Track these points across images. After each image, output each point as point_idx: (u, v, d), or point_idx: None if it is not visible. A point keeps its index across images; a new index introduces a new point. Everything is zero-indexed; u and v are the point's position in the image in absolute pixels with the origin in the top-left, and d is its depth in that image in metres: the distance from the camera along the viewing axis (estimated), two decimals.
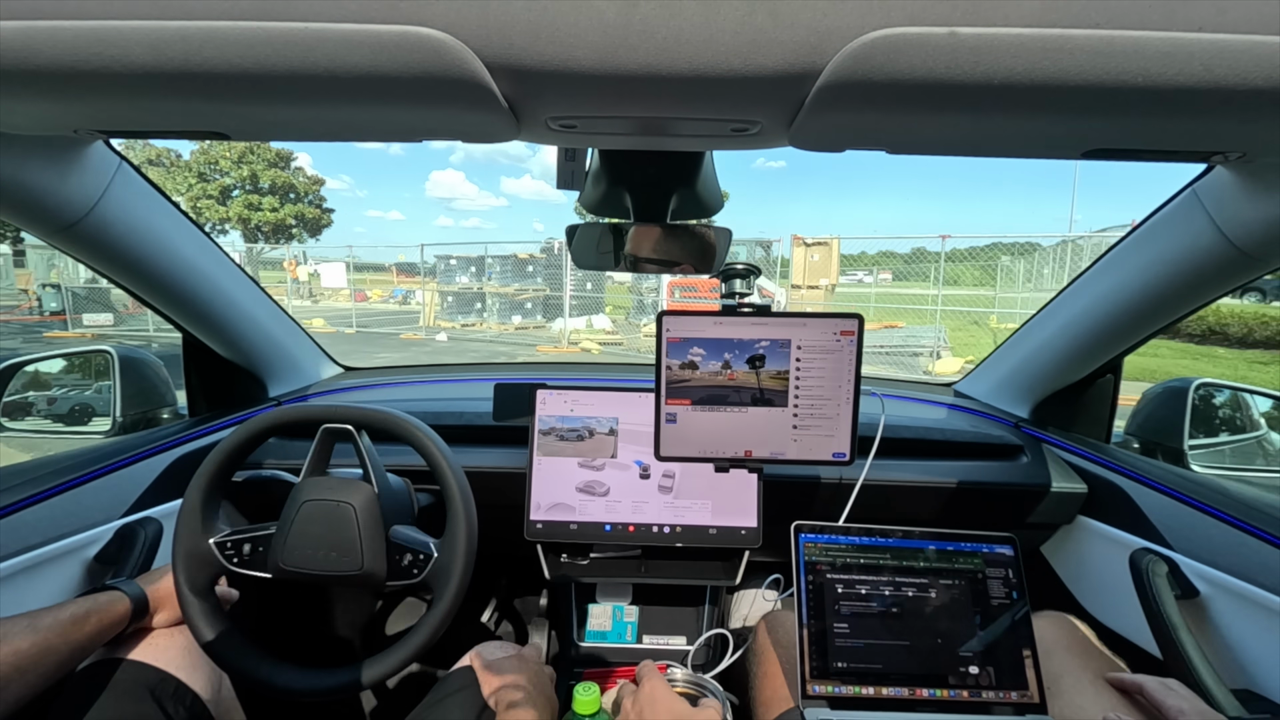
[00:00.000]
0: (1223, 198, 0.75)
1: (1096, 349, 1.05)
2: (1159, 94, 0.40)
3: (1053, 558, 1.13)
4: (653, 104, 0.46)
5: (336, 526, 0.78)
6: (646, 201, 0.76)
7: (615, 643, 1.07)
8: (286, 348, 1.28)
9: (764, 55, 0.39)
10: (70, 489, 0.85)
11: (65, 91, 0.46)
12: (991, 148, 0.55)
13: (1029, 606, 0.79)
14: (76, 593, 0.83)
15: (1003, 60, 0.38)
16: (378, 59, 0.39)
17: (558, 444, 1.05)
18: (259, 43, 0.38)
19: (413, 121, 0.51)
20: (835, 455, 0.79)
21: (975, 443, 1.14)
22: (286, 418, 0.83)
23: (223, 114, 0.51)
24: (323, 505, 0.79)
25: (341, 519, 0.78)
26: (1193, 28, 0.36)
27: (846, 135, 0.51)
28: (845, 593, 0.79)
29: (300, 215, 28.46)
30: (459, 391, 1.39)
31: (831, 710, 0.73)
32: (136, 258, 0.90)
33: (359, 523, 0.78)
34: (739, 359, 0.76)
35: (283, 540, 0.78)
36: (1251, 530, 0.80)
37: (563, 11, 0.37)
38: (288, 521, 0.79)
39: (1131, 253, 0.93)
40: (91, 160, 0.77)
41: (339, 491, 0.79)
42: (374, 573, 0.78)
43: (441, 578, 0.78)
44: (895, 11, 0.36)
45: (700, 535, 1.02)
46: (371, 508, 0.79)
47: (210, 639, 0.77)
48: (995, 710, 0.74)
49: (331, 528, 0.78)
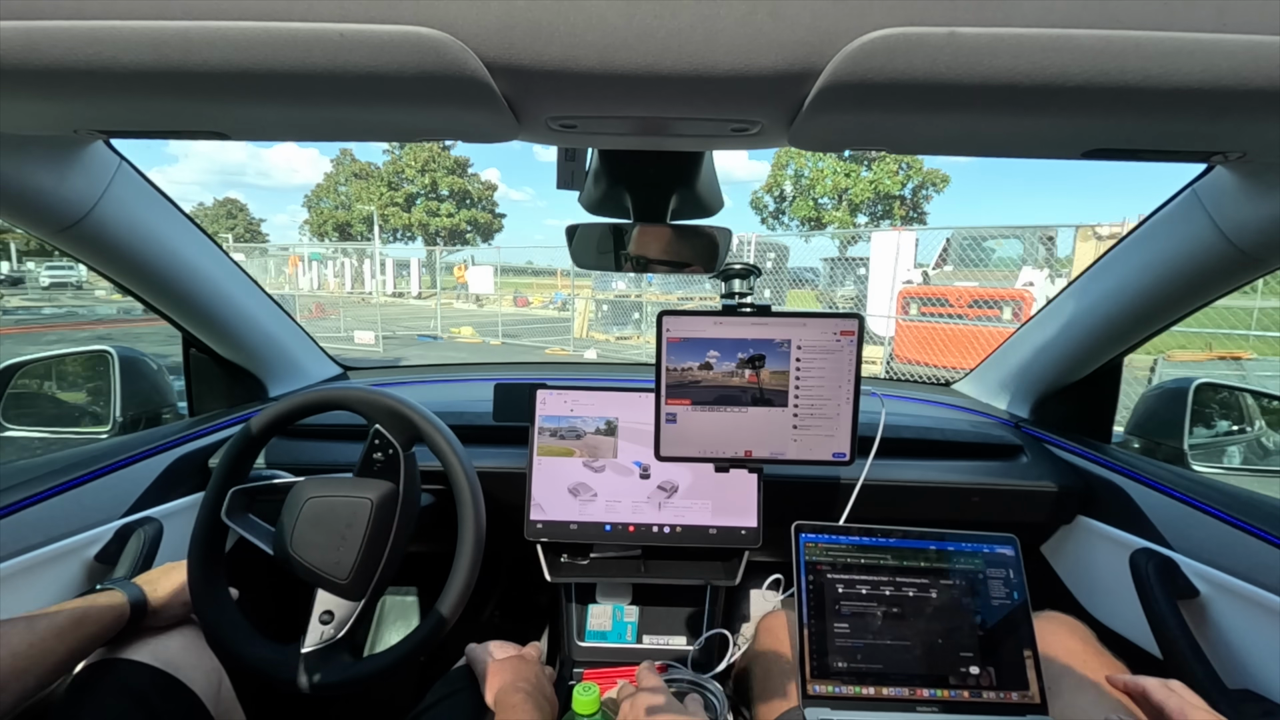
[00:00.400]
0: (1223, 198, 0.75)
1: (1096, 349, 1.05)
2: (1159, 94, 0.40)
3: (1053, 558, 1.13)
4: (653, 104, 0.46)
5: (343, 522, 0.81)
6: (647, 201, 0.76)
7: (615, 643, 1.07)
8: (286, 348, 1.28)
9: (764, 55, 0.39)
10: (70, 489, 0.85)
11: (65, 91, 0.46)
12: (991, 147, 0.55)
13: (1030, 607, 0.79)
14: (76, 593, 0.83)
15: (1003, 60, 0.38)
16: (377, 59, 0.39)
17: (558, 444, 1.05)
18: (259, 43, 0.38)
19: (412, 121, 0.51)
20: (835, 455, 0.79)
21: (975, 443, 1.14)
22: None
23: (223, 114, 0.51)
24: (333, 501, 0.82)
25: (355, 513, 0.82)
26: (1193, 28, 0.36)
27: (846, 135, 0.51)
28: (846, 593, 0.79)
29: (474, 220, 29.49)
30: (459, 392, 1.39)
31: (832, 710, 0.73)
32: (136, 258, 0.90)
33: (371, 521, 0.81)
34: (739, 359, 0.76)
35: (290, 530, 0.81)
36: (1251, 530, 0.80)
37: (563, 11, 0.37)
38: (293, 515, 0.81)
39: (1131, 253, 0.93)
40: (91, 160, 0.77)
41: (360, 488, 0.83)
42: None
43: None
44: (896, 11, 0.36)
45: (700, 535, 1.02)
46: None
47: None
48: (996, 710, 0.74)
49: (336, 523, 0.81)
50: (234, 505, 0.84)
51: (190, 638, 0.81)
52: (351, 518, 0.81)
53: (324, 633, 0.81)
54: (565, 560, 1.09)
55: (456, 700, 0.77)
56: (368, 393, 0.87)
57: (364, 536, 0.80)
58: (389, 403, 0.86)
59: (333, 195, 33.22)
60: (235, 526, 0.84)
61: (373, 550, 0.81)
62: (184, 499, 1.00)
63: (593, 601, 1.10)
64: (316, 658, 0.80)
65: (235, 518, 0.84)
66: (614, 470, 1.04)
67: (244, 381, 1.23)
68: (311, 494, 0.82)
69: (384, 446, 0.86)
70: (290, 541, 0.81)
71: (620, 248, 0.79)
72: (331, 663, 0.80)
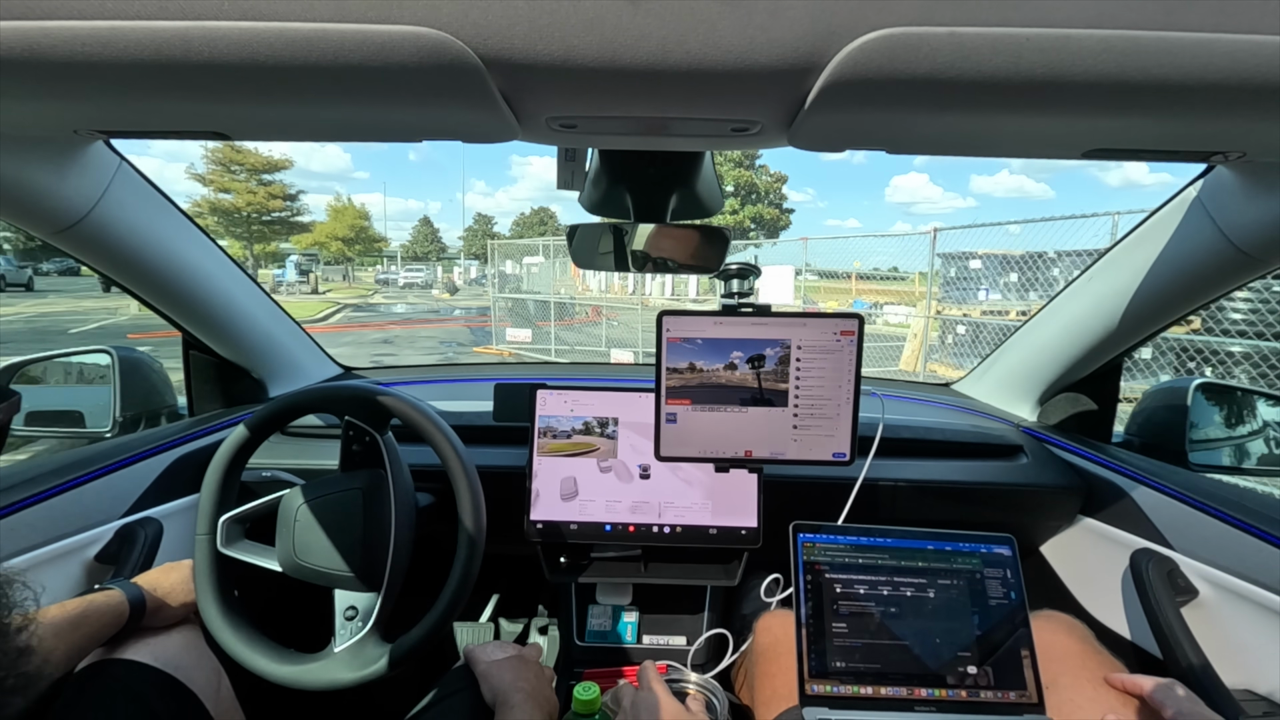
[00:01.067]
0: (1223, 198, 0.75)
1: (1096, 349, 1.05)
2: (1159, 94, 0.40)
3: (1053, 558, 1.13)
4: (653, 104, 0.47)
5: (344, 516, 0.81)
6: (647, 201, 0.76)
7: (615, 643, 1.07)
8: (286, 348, 1.28)
9: (765, 55, 0.39)
10: (70, 489, 0.85)
11: (65, 91, 0.46)
12: (991, 147, 0.55)
13: (1027, 606, 0.79)
14: (76, 593, 0.83)
15: (1003, 60, 0.38)
16: (377, 59, 0.39)
17: (558, 444, 1.05)
18: (259, 43, 0.38)
19: (412, 121, 0.51)
20: (835, 455, 0.79)
21: (975, 443, 1.14)
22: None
23: (223, 114, 0.51)
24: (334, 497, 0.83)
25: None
26: (1192, 27, 0.36)
27: (846, 135, 0.51)
28: (844, 592, 0.79)
29: (759, 216, 27.10)
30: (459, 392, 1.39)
31: (830, 709, 0.73)
32: (137, 258, 0.90)
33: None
34: (739, 359, 0.76)
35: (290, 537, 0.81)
36: (1251, 530, 0.80)
37: (563, 11, 0.37)
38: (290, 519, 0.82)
39: (1131, 253, 0.93)
40: (91, 160, 0.77)
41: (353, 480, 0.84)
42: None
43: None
44: (896, 11, 0.36)
45: (700, 535, 1.02)
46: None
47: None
48: (994, 710, 0.74)
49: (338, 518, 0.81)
50: (230, 535, 0.85)
51: (190, 638, 0.81)
52: (346, 511, 0.82)
53: (352, 629, 0.82)
54: (565, 560, 1.09)
55: (456, 700, 0.77)
56: (322, 389, 0.88)
57: (362, 525, 0.81)
58: (347, 392, 0.86)
59: None
60: (236, 554, 0.84)
61: (375, 536, 0.81)
62: (184, 499, 1.00)
63: (593, 602, 1.10)
64: (348, 654, 0.80)
65: (233, 546, 0.84)
66: (614, 470, 1.04)
67: (244, 382, 1.23)
68: (302, 500, 0.82)
69: (359, 435, 0.86)
70: (295, 551, 0.81)
71: (620, 248, 0.79)
72: (365, 654, 0.80)
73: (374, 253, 40.04)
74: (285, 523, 0.82)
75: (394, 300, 22.06)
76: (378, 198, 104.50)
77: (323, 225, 29.71)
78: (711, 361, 0.76)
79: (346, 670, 0.79)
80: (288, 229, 22.84)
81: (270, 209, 20.97)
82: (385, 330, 13.21)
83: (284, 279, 24.74)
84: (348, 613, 0.82)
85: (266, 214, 21.11)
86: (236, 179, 20.77)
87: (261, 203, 20.75)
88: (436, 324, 14.51)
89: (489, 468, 1.05)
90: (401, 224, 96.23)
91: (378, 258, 42.19)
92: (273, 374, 1.26)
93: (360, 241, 31.23)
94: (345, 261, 33.33)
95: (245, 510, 0.85)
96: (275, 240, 24.22)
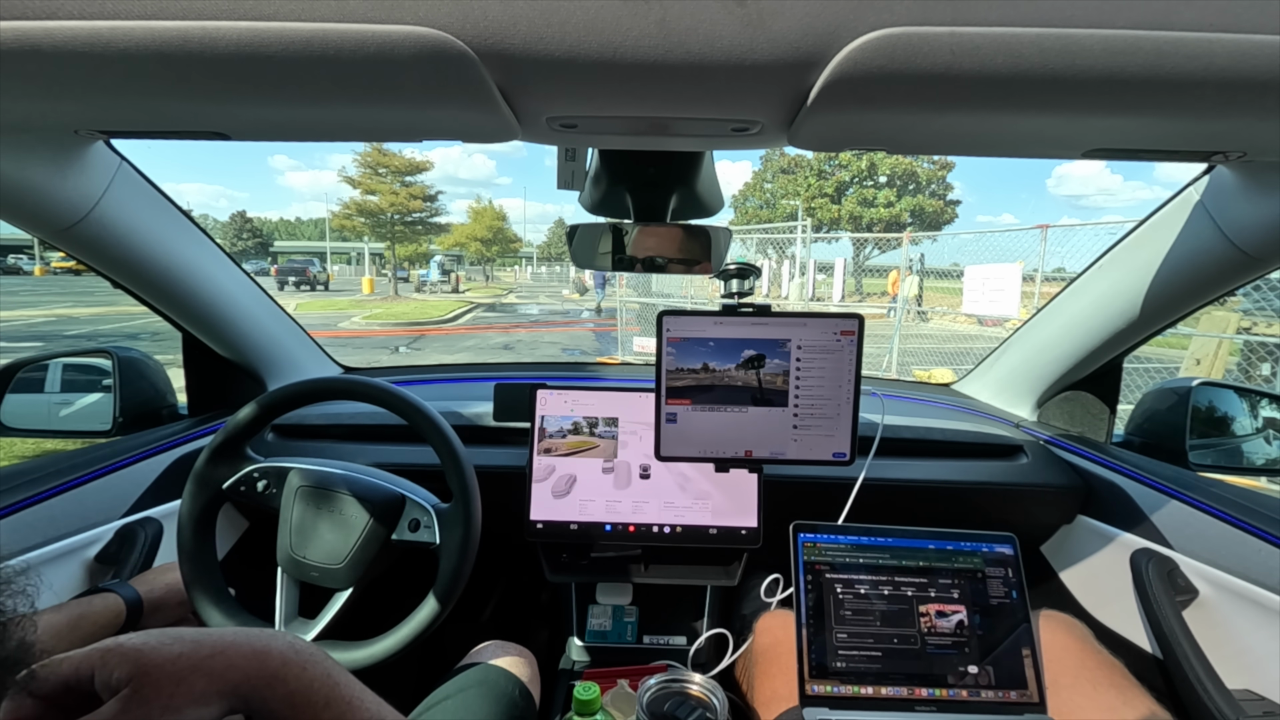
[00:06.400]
0: (1223, 198, 0.75)
1: (1097, 349, 1.05)
2: (1159, 93, 0.40)
3: (1053, 558, 1.13)
4: (653, 103, 0.46)
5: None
6: (647, 201, 0.76)
7: (615, 643, 1.07)
8: (286, 347, 1.28)
9: (766, 54, 0.39)
10: (70, 489, 0.85)
11: (66, 91, 0.46)
12: (992, 147, 0.55)
13: (1029, 606, 0.79)
14: (76, 593, 0.83)
15: (1003, 59, 0.38)
16: (377, 59, 0.39)
17: (558, 444, 1.05)
18: (259, 43, 0.38)
19: (412, 121, 0.51)
20: (835, 455, 0.79)
21: (975, 443, 1.14)
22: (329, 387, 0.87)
23: (223, 114, 0.51)
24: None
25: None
26: (1193, 27, 0.36)
27: (846, 134, 0.51)
28: (844, 592, 0.79)
29: (918, 208, 23.87)
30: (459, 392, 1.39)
31: (831, 710, 0.73)
32: (137, 258, 0.90)
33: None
34: (739, 359, 0.76)
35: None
36: (1251, 530, 0.80)
37: (563, 11, 0.37)
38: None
39: (1131, 253, 0.93)
40: (91, 160, 0.77)
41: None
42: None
43: (446, 553, 0.79)
44: (897, 11, 0.36)
45: (700, 535, 1.02)
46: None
47: (219, 624, 0.79)
48: (994, 710, 0.74)
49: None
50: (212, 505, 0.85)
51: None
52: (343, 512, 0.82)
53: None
54: (565, 560, 1.09)
55: (455, 701, 0.77)
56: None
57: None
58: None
59: (758, 193, 29.37)
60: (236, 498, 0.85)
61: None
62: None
63: (593, 601, 1.10)
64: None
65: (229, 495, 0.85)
66: (614, 470, 1.04)
67: (244, 381, 1.23)
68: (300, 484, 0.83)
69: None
70: (292, 547, 0.82)
71: (620, 248, 0.79)
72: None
73: (511, 253, 40.05)
74: (287, 504, 0.84)
75: (526, 300, 21.91)
76: (518, 202, 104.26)
77: (462, 226, 29.94)
78: (712, 361, 0.76)
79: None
80: (427, 230, 22.72)
81: (411, 209, 20.65)
82: (509, 334, 12.43)
83: (428, 278, 25.87)
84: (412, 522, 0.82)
85: (408, 215, 20.81)
86: (382, 180, 20.52)
87: (403, 203, 20.38)
88: (563, 327, 13.58)
89: (489, 468, 1.05)
90: (539, 226, 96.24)
91: (515, 258, 42.58)
92: (273, 373, 1.26)
93: (498, 242, 31.06)
94: (485, 262, 33.61)
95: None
96: (422, 240, 23.91)
